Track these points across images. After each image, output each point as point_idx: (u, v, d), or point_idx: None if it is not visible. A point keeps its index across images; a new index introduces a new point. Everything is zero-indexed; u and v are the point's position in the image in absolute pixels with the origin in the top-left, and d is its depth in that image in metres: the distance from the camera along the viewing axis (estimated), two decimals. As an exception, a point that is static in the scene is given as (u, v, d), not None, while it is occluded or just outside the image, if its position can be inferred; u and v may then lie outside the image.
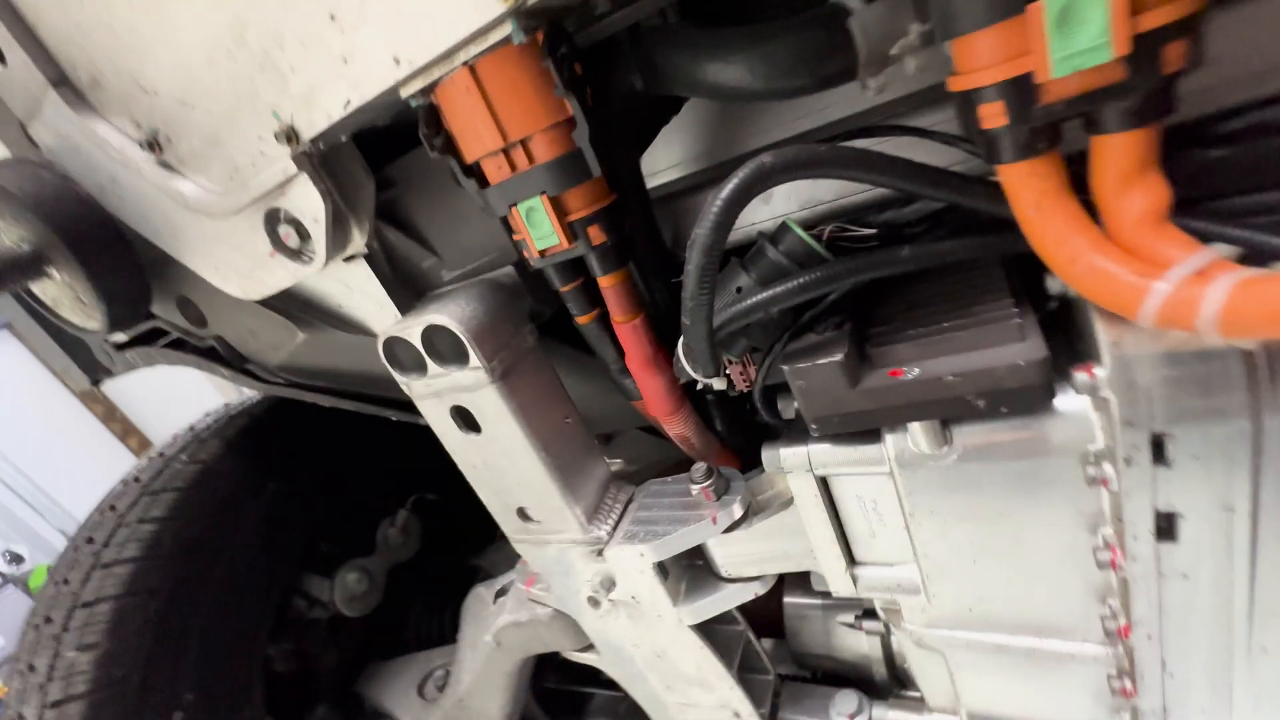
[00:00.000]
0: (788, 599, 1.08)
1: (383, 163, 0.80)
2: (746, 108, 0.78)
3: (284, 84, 0.60)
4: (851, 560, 0.75)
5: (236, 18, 0.59)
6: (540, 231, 0.61)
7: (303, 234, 0.70)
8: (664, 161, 0.87)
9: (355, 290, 0.81)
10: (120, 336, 1.10)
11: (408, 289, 0.84)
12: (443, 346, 0.73)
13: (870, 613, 0.98)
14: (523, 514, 0.85)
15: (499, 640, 1.07)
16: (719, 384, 0.63)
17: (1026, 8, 0.38)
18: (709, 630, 0.88)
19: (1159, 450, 0.47)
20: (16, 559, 5.43)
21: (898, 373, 0.56)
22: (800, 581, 1.06)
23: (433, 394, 0.76)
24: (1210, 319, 0.38)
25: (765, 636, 1.14)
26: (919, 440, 0.59)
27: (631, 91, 0.61)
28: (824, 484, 0.70)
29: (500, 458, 0.79)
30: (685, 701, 0.97)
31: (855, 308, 0.62)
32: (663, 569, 0.82)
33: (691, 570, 0.86)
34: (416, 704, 1.32)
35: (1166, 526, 0.51)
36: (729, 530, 0.77)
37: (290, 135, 0.62)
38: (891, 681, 1.00)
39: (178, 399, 4.69)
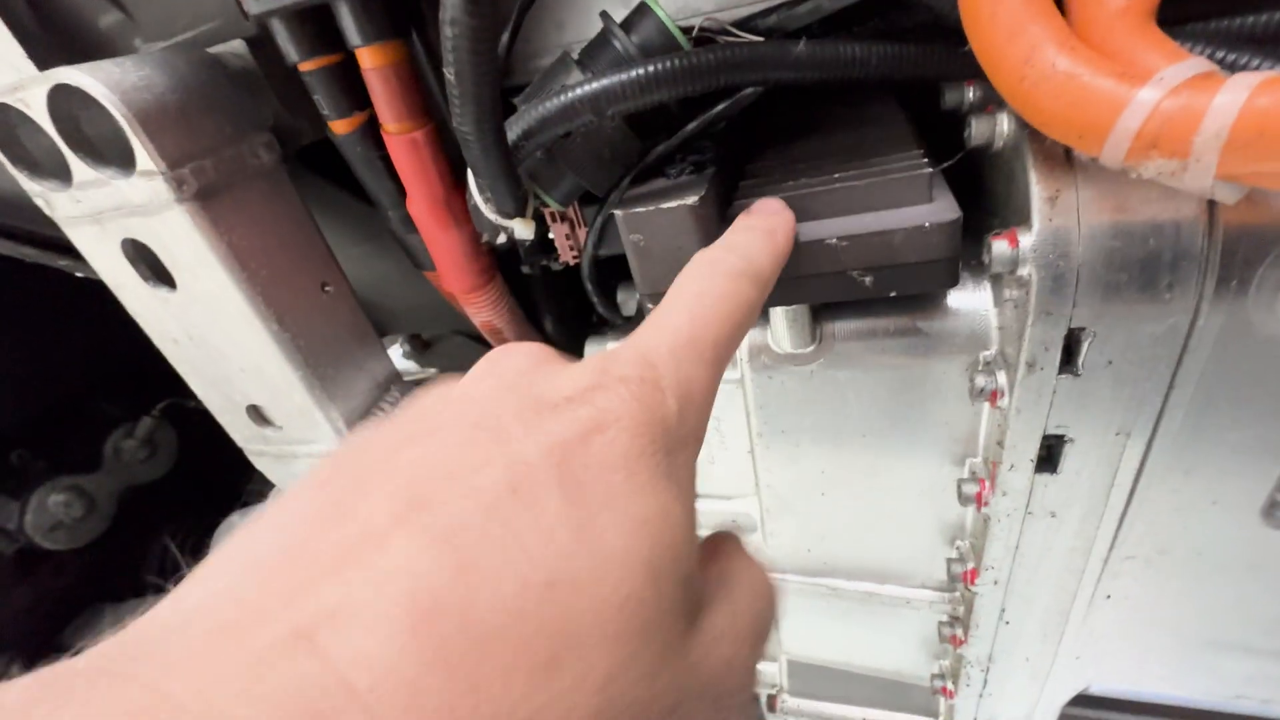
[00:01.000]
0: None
1: None
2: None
3: None
4: (683, 490, 0.62)
5: None
6: (242, -67, 0.36)
7: None
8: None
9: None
10: None
11: (69, 53, 0.53)
12: (97, 135, 0.46)
13: (700, 551, 0.87)
14: (256, 414, 0.61)
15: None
16: (522, 230, 0.44)
17: None
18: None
19: (1069, 354, 0.36)
20: None
21: (769, 233, 0.40)
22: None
23: (89, 217, 0.49)
24: (1217, 136, 0.25)
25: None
26: (780, 335, 0.45)
27: None
28: (659, 393, 0.55)
29: (210, 328, 0.54)
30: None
31: (722, 155, 0.46)
32: (448, 494, 0.63)
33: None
34: (141, 657, 1.03)
35: (1048, 455, 0.41)
36: (537, 448, 0.60)
37: None
38: (713, 623, 0.92)
39: None
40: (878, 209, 0.39)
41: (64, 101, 0.43)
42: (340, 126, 0.48)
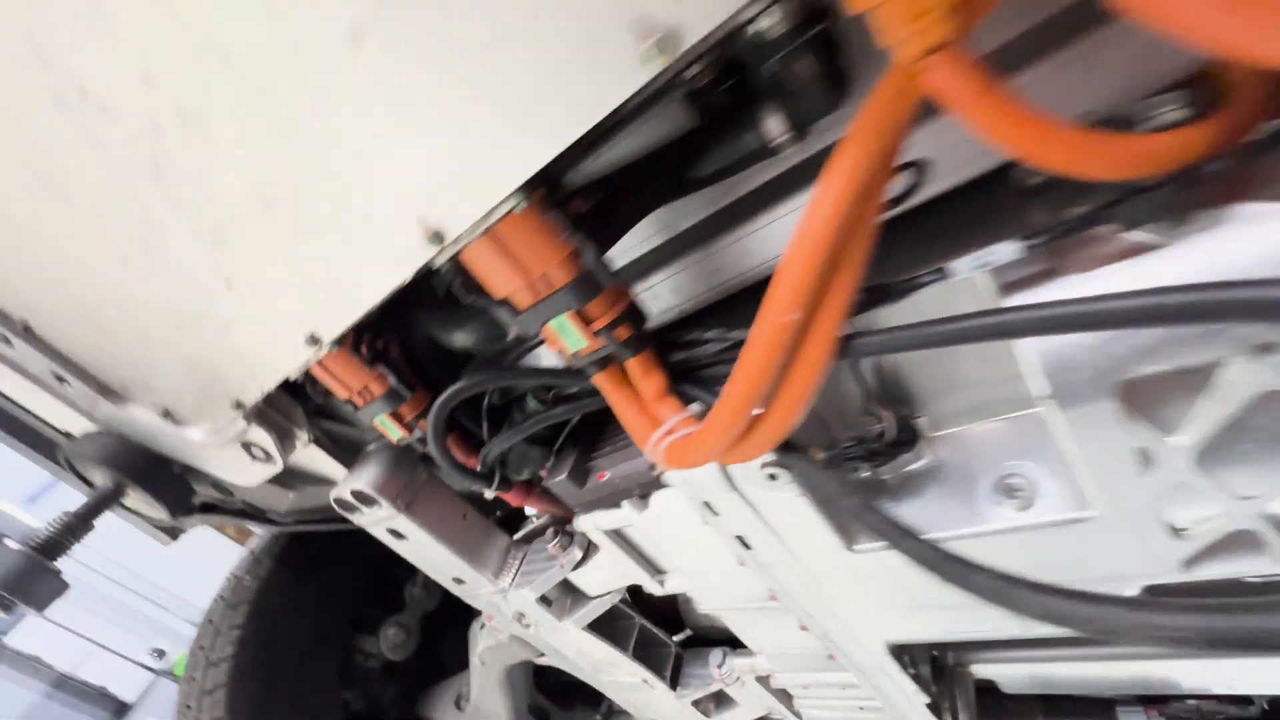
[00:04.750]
0: (680, 589, 1.46)
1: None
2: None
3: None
4: (657, 570, 1.14)
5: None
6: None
7: (267, 451, 1.13)
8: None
9: (317, 461, 1.25)
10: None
11: (349, 450, 1.26)
12: (364, 497, 1.15)
13: (726, 591, 1.35)
14: (457, 580, 1.27)
15: (483, 660, 1.50)
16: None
17: (540, 330, 0.76)
18: (607, 627, 1.28)
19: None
20: (160, 654, 6.37)
21: (601, 476, 0.94)
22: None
23: (371, 523, 1.18)
24: (660, 457, 0.75)
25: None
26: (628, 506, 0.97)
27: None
28: (617, 533, 1.08)
29: (425, 553, 1.20)
30: (610, 679, 1.38)
31: (579, 431, 1.00)
32: (545, 600, 1.22)
33: (571, 594, 1.26)
34: (453, 714, 1.77)
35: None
36: (577, 568, 1.16)
37: (238, 404, 1.04)
38: (755, 635, 1.38)
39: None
40: (628, 460, 0.91)
41: (354, 491, 1.13)
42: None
